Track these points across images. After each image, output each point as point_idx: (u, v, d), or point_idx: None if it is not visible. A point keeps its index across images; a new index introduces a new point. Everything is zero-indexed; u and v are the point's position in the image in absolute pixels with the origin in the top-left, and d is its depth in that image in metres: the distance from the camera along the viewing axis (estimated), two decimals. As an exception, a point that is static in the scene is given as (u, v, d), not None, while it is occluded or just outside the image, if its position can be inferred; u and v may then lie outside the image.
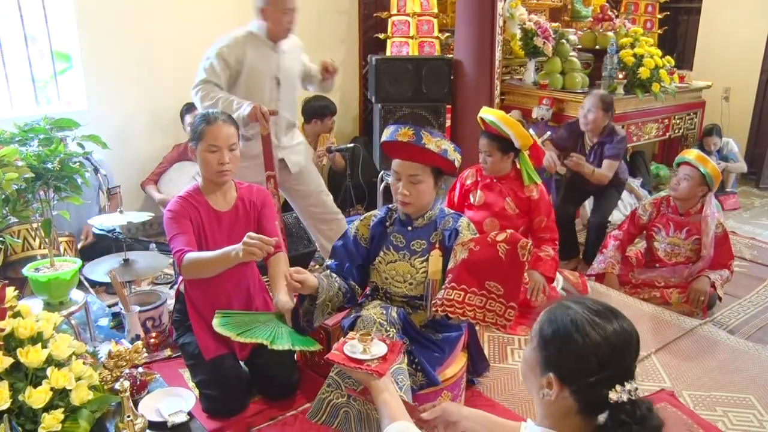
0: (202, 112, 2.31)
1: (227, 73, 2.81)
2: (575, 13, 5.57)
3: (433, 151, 1.95)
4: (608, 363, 1.07)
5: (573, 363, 1.08)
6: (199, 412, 2.20)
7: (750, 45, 5.65)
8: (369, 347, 1.56)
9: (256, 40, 2.86)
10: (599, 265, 3.40)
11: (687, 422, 2.27)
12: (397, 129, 1.99)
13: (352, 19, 4.79)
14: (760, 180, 5.62)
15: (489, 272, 1.82)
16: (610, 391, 1.05)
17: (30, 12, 3.51)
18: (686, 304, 3.13)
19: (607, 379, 1.06)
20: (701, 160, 3.10)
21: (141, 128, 3.96)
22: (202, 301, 2.30)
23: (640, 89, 4.43)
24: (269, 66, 2.89)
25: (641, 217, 3.38)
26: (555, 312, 1.14)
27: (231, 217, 2.32)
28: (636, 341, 1.12)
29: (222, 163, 2.20)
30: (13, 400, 1.45)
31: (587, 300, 1.16)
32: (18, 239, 2.81)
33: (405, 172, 1.99)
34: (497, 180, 3.08)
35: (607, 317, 1.11)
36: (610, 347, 1.07)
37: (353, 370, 1.52)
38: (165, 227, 2.25)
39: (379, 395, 1.45)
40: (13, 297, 1.70)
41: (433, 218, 2.08)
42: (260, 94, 2.86)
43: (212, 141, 2.19)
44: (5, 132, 2.19)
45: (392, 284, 2.06)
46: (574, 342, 1.08)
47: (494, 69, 3.98)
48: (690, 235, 3.20)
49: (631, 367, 1.10)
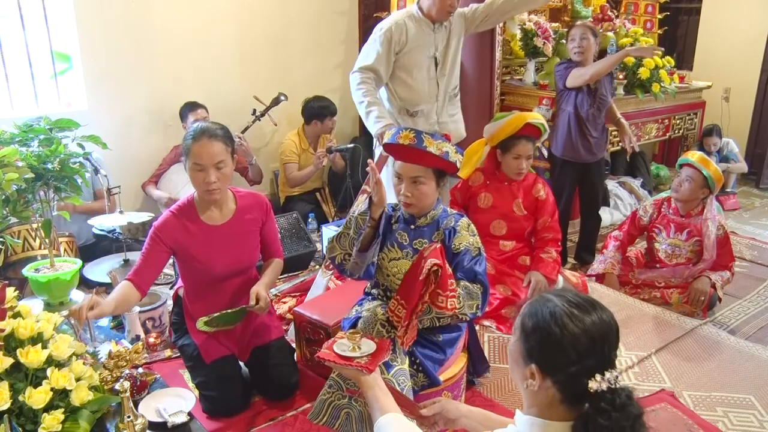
0: (195, 126, 2.21)
1: (390, 57, 2.88)
2: (575, 14, 5.55)
3: (434, 153, 1.95)
4: (587, 353, 1.09)
5: (553, 354, 1.11)
6: (199, 412, 2.21)
7: (750, 45, 5.65)
8: (358, 345, 1.60)
9: (418, 21, 2.91)
10: (600, 266, 3.39)
11: (687, 422, 2.27)
12: (398, 131, 1.99)
13: (351, 19, 4.80)
14: (760, 180, 5.62)
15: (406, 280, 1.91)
16: (590, 380, 1.07)
17: (30, 12, 3.51)
18: (687, 304, 3.13)
19: (587, 368, 1.09)
20: (703, 162, 3.10)
21: (141, 128, 3.96)
22: (200, 306, 2.27)
23: (640, 89, 4.43)
24: (429, 47, 2.95)
25: (642, 218, 3.37)
26: (536, 305, 1.17)
27: (226, 230, 2.24)
28: (615, 332, 1.14)
29: (208, 182, 2.09)
30: (14, 401, 1.46)
31: (568, 293, 1.18)
32: (18, 240, 2.81)
33: (407, 174, 2.00)
34: (509, 182, 3.11)
35: (586, 309, 1.13)
36: (589, 338, 1.10)
37: (343, 366, 1.56)
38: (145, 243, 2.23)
39: (369, 390, 1.50)
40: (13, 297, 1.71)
41: (436, 218, 2.08)
42: (419, 73, 2.95)
43: (196, 159, 2.09)
44: (5, 132, 2.19)
45: (394, 281, 2.06)
46: (553, 334, 1.11)
47: (494, 69, 3.97)
48: (691, 236, 3.20)
49: (611, 356, 1.12)
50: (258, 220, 2.32)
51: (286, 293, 3.16)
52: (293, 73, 4.51)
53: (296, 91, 4.23)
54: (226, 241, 2.23)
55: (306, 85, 4.44)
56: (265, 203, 2.36)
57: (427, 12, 2.89)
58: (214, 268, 2.21)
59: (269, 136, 4.55)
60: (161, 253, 2.17)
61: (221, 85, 4.20)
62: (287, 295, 3.13)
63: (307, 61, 4.59)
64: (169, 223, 2.18)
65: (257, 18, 4.29)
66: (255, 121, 4.08)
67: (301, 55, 4.53)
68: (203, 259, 2.20)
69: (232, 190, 2.31)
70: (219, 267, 2.22)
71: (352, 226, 2.02)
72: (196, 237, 2.19)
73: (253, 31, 4.29)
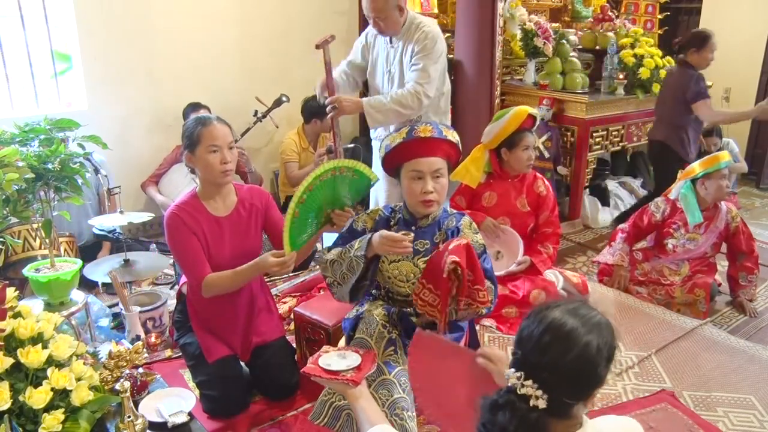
0: (194, 117, 2.25)
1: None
2: (575, 14, 5.56)
3: (452, 141, 1.96)
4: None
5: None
6: (200, 412, 2.20)
7: (750, 45, 5.65)
8: (343, 359, 1.61)
9: (378, 37, 3.00)
10: (609, 257, 3.38)
11: (687, 423, 2.27)
12: (413, 128, 1.95)
13: (351, 19, 4.79)
14: (761, 180, 5.62)
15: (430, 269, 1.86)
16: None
17: (30, 12, 3.51)
18: (690, 294, 3.15)
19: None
20: (718, 160, 3.16)
21: (141, 129, 3.96)
22: (205, 304, 2.28)
23: (641, 89, 4.44)
24: (386, 60, 3.01)
25: (654, 214, 3.34)
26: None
27: (231, 221, 2.27)
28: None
29: (224, 162, 2.15)
30: (14, 401, 1.46)
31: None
32: (18, 240, 2.80)
33: (430, 169, 1.94)
34: (512, 179, 3.15)
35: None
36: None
37: (329, 381, 1.56)
38: (174, 252, 2.24)
39: (356, 402, 1.51)
40: (13, 297, 1.70)
41: (437, 218, 2.06)
42: (378, 86, 3.03)
43: (212, 141, 2.14)
44: (6, 132, 2.19)
45: (395, 284, 2.06)
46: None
47: (494, 69, 3.98)
48: (707, 229, 3.22)
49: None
50: (259, 210, 2.33)
51: (287, 293, 3.16)
52: (293, 73, 4.51)
53: (296, 91, 4.22)
54: (232, 231, 2.26)
55: (306, 85, 4.42)
56: (265, 193, 2.39)
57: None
58: (221, 260, 2.21)
59: (270, 136, 4.55)
60: (195, 240, 2.18)
61: (221, 85, 4.20)
62: (288, 295, 3.13)
63: (307, 61, 4.58)
64: (182, 217, 2.18)
65: (257, 18, 4.29)
66: (257, 122, 4.07)
67: (301, 55, 4.52)
68: (212, 250, 2.22)
69: (233, 183, 2.33)
70: (225, 258, 2.22)
71: (345, 262, 1.97)
72: (206, 228, 2.21)
73: (253, 31, 4.29)
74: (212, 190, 2.24)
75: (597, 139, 4.34)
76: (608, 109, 4.37)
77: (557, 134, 4.28)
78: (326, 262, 2.02)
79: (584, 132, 4.23)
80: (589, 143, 4.28)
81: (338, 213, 2.12)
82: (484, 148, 3.16)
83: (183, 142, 2.21)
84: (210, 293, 2.17)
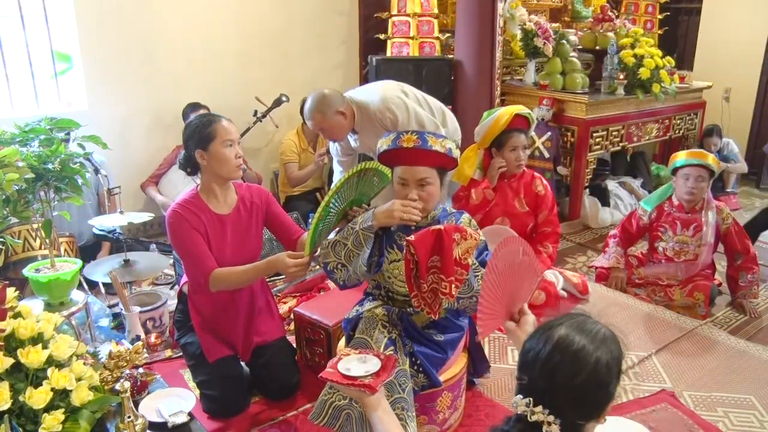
0: (198, 115, 2.27)
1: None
2: (575, 14, 5.56)
3: (440, 151, 1.94)
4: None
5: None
6: (200, 412, 2.20)
7: (750, 45, 5.65)
8: (363, 363, 1.57)
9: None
10: (604, 261, 3.39)
11: (687, 423, 2.27)
12: (398, 136, 1.95)
13: (352, 19, 4.79)
14: (761, 180, 5.62)
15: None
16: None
17: (30, 12, 3.51)
18: (689, 297, 3.14)
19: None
20: (701, 156, 3.11)
21: (141, 129, 3.96)
22: (206, 302, 2.28)
23: (641, 90, 4.43)
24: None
25: (641, 217, 3.35)
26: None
27: (233, 219, 2.28)
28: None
29: (239, 156, 2.20)
30: (14, 401, 1.45)
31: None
32: (18, 240, 2.80)
33: (413, 177, 1.95)
34: (509, 179, 3.15)
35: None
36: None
37: (346, 387, 1.53)
38: (178, 249, 2.23)
39: (374, 413, 1.46)
40: (13, 297, 1.70)
41: (436, 218, 2.06)
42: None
43: (227, 136, 2.17)
44: (6, 132, 2.19)
45: (395, 283, 2.06)
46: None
47: (494, 69, 3.98)
48: (697, 231, 3.20)
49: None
50: (260, 207, 2.33)
51: (287, 293, 3.15)
52: (293, 73, 4.51)
53: (296, 91, 4.23)
54: (234, 229, 2.27)
55: (306, 85, 4.43)
56: (264, 191, 2.40)
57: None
58: (222, 257, 2.21)
59: (270, 137, 4.55)
60: (199, 236, 2.19)
61: (221, 85, 4.20)
62: (288, 295, 3.13)
63: (307, 61, 4.59)
64: (184, 215, 2.18)
65: (257, 18, 4.29)
66: (256, 123, 4.07)
67: (301, 55, 4.53)
68: (213, 247, 2.22)
69: (232, 182, 2.33)
70: (228, 257, 2.23)
71: (351, 238, 1.97)
72: (208, 226, 2.21)
73: (253, 31, 4.29)
74: (215, 188, 2.24)
75: (597, 139, 4.34)
76: (608, 110, 4.37)
77: (557, 134, 4.28)
78: (328, 245, 2.02)
79: (584, 132, 4.23)
80: (589, 143, 4.28)
81: (355, 210, 2.14)
82: (477, 148, 3.16)
83: (191, 140, 2.19)
84: (217, 287, 2.17)
